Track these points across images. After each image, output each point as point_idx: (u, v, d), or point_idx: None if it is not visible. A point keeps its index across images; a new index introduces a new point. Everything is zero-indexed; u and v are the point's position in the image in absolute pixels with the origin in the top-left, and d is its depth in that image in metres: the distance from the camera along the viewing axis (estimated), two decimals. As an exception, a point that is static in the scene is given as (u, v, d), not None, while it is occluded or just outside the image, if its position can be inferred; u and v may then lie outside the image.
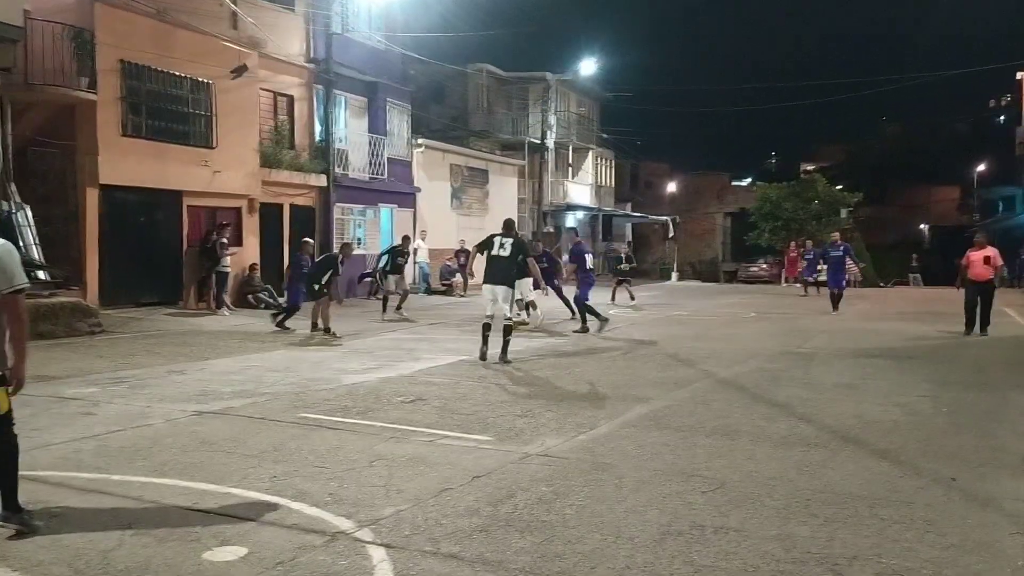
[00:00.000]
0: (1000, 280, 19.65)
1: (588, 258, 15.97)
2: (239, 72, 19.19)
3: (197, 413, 7.62)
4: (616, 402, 8.32)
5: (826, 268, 21.64)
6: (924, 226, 60.43)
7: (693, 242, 51.14)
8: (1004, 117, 68.47)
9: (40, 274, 14.25)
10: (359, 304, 21.05)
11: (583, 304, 15.16)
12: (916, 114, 79.70)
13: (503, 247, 11.10)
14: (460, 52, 33.41)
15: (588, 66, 38.77)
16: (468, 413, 7.75)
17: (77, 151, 16.43)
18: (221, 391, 8.74)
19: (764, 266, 42.90)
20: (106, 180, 16.49)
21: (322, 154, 22.79)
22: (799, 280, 28.58)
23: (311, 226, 22.51)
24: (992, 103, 74.97)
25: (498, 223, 12.31)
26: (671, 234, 45.37)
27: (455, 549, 4.27)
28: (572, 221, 41.21)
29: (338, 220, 23.56)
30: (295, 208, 22.04)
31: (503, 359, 10.84)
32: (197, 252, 18.47)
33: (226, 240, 18.19)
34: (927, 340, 14.18)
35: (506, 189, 34.10)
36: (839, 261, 20.39)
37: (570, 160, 41.23)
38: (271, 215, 21.17)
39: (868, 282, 37.61)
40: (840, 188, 44.32)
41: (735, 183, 59.60)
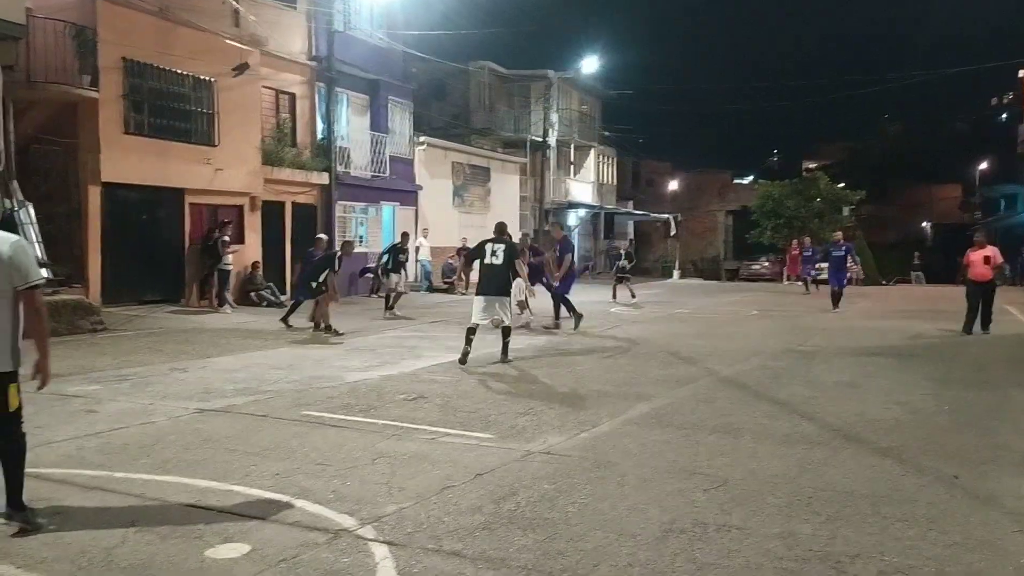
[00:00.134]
0: (1002, 278, 19.67)
1: (568, 257, 15.74)
2: (240, 70, 19.19)
3: (199, 411, 7.63)
4: (618, 400, 8.31)
5: (827, 266, 21.69)
6: (926, 224, 60.36)
7: (695, 240, 51.14)
8: (1006, 115, 68.38)
9: (43, 272, 14.24)
10: (360, 302, 21.07)
11: (563, 298, 15.22)
12: (918, 112, 79.60)
13: (495, 255, 10.80)
14: (462, 50, 33.47)
15: (590, 64, 38.76)
16: (470, 411, 7.76)
17: (79, 149, 16.45)
18: (223, 389, 8.75)
19: (766, 264, 42.88)
20: (108, 178, 16.51)
21: (324, 152, 22.79)
22: (800, 278, 28.58)
23: (313, 224, 22.51)
24: (994, 101, 74.87)
25: (500, 220, 12.27)
26: (673, 232, 45.37)
27: (458, 547, 4.27)
28: (574, 219, 41.22)
29: (340, 218, 23.57)
30: (297, 206, 22.04)
31: (504, 360, 10.76)
32: (199, 250, 18.48)
33: (228, 238, 18.22)
34: (929, 338, 14.17)
35: (508, 187, 34.10)
36: (841, 260, 20.47)
37: (572, 158, 41.21)
38: (273, 213, 21.18)
39: (870, 280, 37.64)
40: (842, 186, 44.26)
41: (737, 181, 59.53)
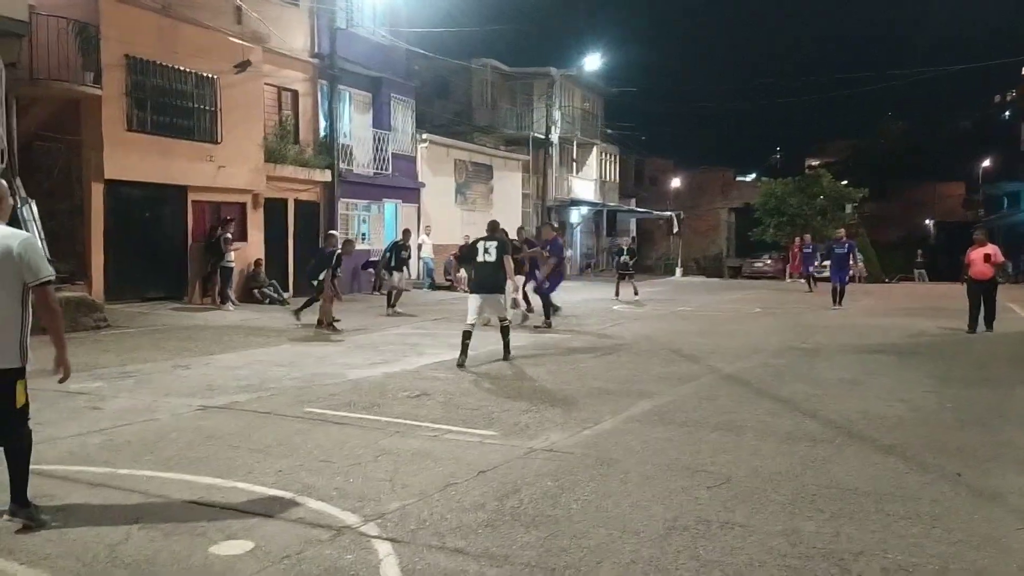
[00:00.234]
0: (1005, 276, 19.64)
1: (553, 260, 15.80)
2: (243, 67, 19.18)
3: (203, 408, 7.64)
4: (620, 397, 8.31)
5: (829, 264, 21.67)
6: (929, 222, 60.27)
7: (697, 238, 51.12)
8: (1009, 113, 68.28)
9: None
10: (363, 299, 21.06)
11: (546, 296, 15.28)
12: (921, 110, 79.57)
13: (488, 252, 10.78)
14: (464, 47, 33.59)
15: (593, 61, 38.73)
16: (473, 408, 7.76)
17: (82, 146, 16.46)
18: (226, 386, 8.76)
19: (769, 262, 42.85)
20: (111, 175, 16.51)
21: (326, 149, 22.78)
22: (803, 276, 28.57)
23: (316, 221, 22.54)
24: (997, 99, 74.79)
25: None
26: (675, 230, 45.34)
27: (461, 543, 4.28)
28: (576, 217, 41.21)
29: (343, 215, 23.56)
30: (300, 203, 22.04)
31: (506, 358, 10.74)
32: (202, 247, 18.49)
33: (230, 235, 18.23)
34: (931, 336, 14.15)
35: (510, 184, 34.09)
36: (843, 257, 20.47)
37: (574, 155, 41.20)
38: (276, 210, 21.17)
39: (873, 278, 37.60)
40: (845, 184, 44.21)
41: (740, 178, 59.52)
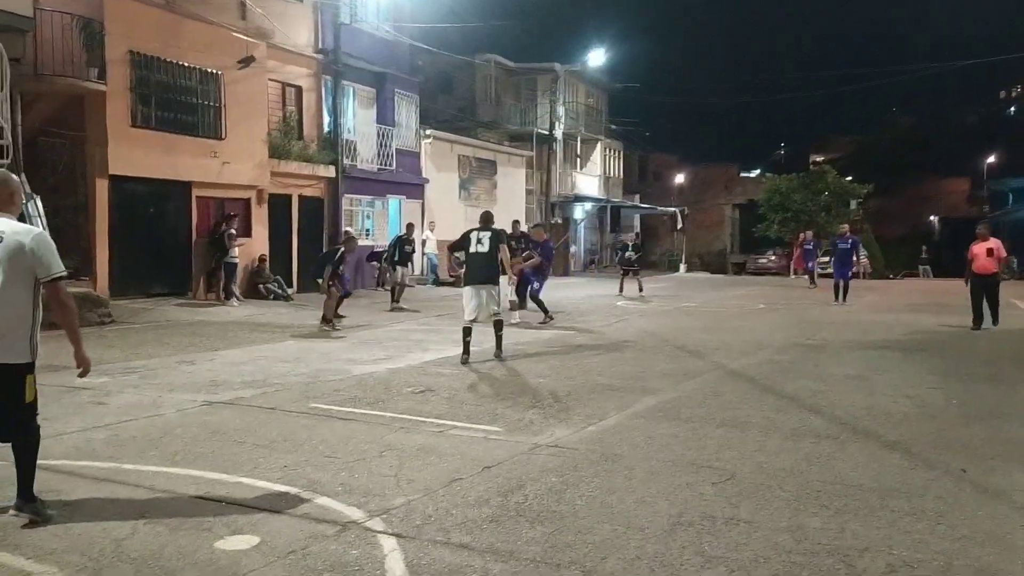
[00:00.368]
0: (1010, 272, 19.57)
1: (543, 261, 16.07)
2: (246, 63, 19.18)
3: (207, 403, 7.65)
4: (625, 393, 8.31)
5: (832, 259, 21.63)
6: (934, 218, 60.18)
7: (701, 234, 51.07)
8: (1014, 108, 68.15)
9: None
10: (367, 295, 21.08)
11: (534, 295, 15.35)
12: (926, 106, 79.31)
13: (481, 243, 10.43)
14: (468, 43, 33.39)
15: (597, 57, 38.61)
16: (477, 404, 7.77)
17: (87, 142, 16.48)
18: (231, 381, 8.77)
19: (772, 258, 42.83)
20: (115, 171, 16.53)
21: (330, 145, 22.78)
22: (807, 272, 28.55)
23: (320, 217, 22.55)
24: (1002, 94, 74.64)
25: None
26: (679, 226, 45.29)
27: (466, 539, 4.28)
28: (580, 212, 41.18)
29: (347, 211, 23.57)
30: (304, 199, 22.05)
31: (498, 355, 10.38)
32: (206, 243, 18.52)
33: (234, 231, 18.25)
34: (936, 332, 14.12)
35: (514, 180, 34.07)
36: (847, 253, 20.42)
37: (578, 151, 41.15)
38: (280, 206, 21.19)
39: (877, 274, 37.56)
40: (850, 179, 44.14)
41: (744, 174, 59.45)
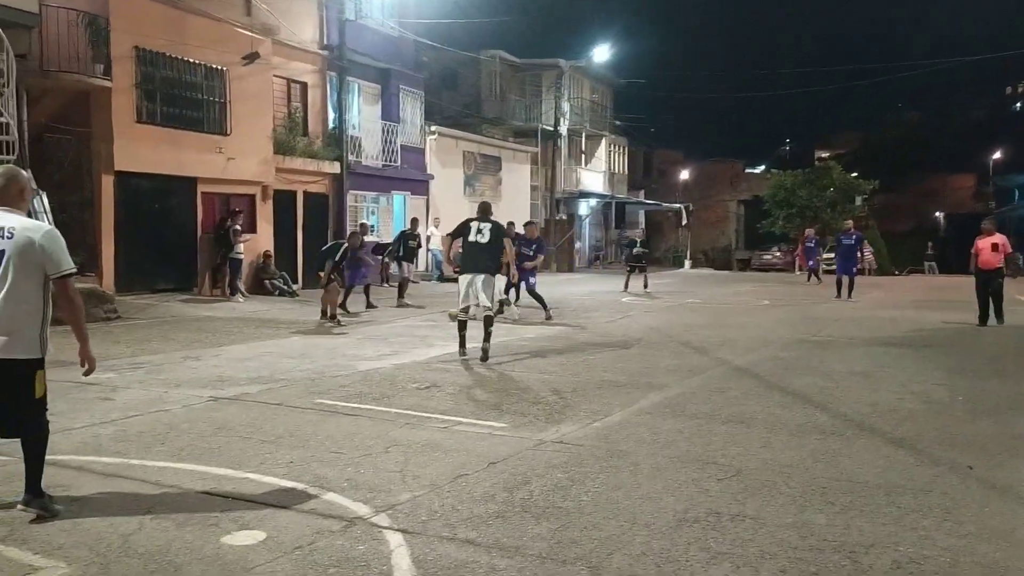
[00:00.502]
0: (1015, 269, 19.51)
1: (541, 257, 16.60)
2: (251, 59, 19.19)
3: (213, 399, 7.67)
4: (630, 389, 8.31)
5: (836, 255, 21.59)
6: (939, 214, 59.99)
7: (706, 230, 51.01)
8: (1020, 104, 67.89)
9: None
10: (372, 291, 21.03)
11: (533, 290, 15.43)
12: (932, 101, 79.05)
13: (481, 233, 10.21)
14: (473, 39, 33.40)
15: (601, 53, 38.62)
16: (482, 400, 7.78)
17: (92, 138, 16.51)
18: (237, 377, 8.79)
19: (778, 254, 42.74)
20: (121, 167, 16.57)
21: (335, 141, 22.80)
22: (811, 270, 28.50)
23: (325, 213, 22.57)
24: (1008, 90, 74.34)
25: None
26: (684, 222, 45.25)
27: (472, 535, 4.29)
28: (585, 209, 41.15)
29: (351, 207, 23.58)
30: (309, 195, 22.07)
31: (485, 349, 10.01)
32: (211, 239, 18.55)
33: (240, 227, 18.26)
34: (942, 329, 14.09)
35: (519, 176, 34.06)
36: (850, 249, 20.38)
37: (583, 147, 41.11)
38: (285, 202, 21.21)
39: (883, 270, 37.46)
40: (855, 175, 44.03)
41: (749, 170, 59.35)
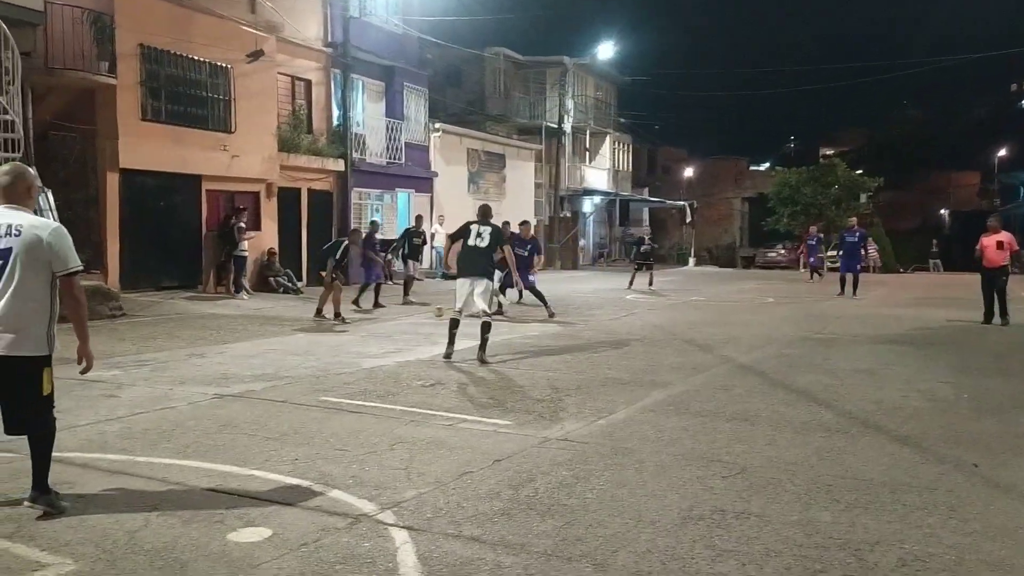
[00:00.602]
0: (1021, 266, 19.45)
1: (537, 257, 16.87)
2: (255, 56, 19.19)
3: (218, 396, 7.68)
4: (635, 387, 8.31)
5: (840, 253, 21.56)
6: (944, 211, 59.87)
7: (710, 227, 50.94)
8: (1026, 102, 67.64)
9: None
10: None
11: (533, 288, 15.50)
12: (937, 99, 78.88)
13: (480, 236, 10.13)
14: (477, 36, 33.45)
15: (606, 50, 38.60)
16: (487, 397, 7.78)
17: (97, 135, 16.54)
18: (241, 374, 8.80)
19: (782, 252, 42.67)
20: (126, 164, 16.59)
21: (340, 139, 22.81)
22: (814, 268, 28.46)
23: (329, 211, 22.59)
24: (1014, 87, 74.15)
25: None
26: (688, 219, 45.19)
27: (477, 532, 4.29)
28: (589, 206, 41.12)
29: (355, 205, 23.59)
30: (313, 193, 22.08)
31: (482, 358, 9.75)
32: (216, 236, 18.58)
33: (244, 224, 18.29)
34: (947, 326, 14.06)
35: (523, 174, 34.05)
36: (854, 246, 20.35)
37: (587, 144, 41.07)
38: (289, 199, 21.23)
39: (887, 268, 37.41)
40: (860, 173, 43.93)
41: (753, 168, 59.24)
